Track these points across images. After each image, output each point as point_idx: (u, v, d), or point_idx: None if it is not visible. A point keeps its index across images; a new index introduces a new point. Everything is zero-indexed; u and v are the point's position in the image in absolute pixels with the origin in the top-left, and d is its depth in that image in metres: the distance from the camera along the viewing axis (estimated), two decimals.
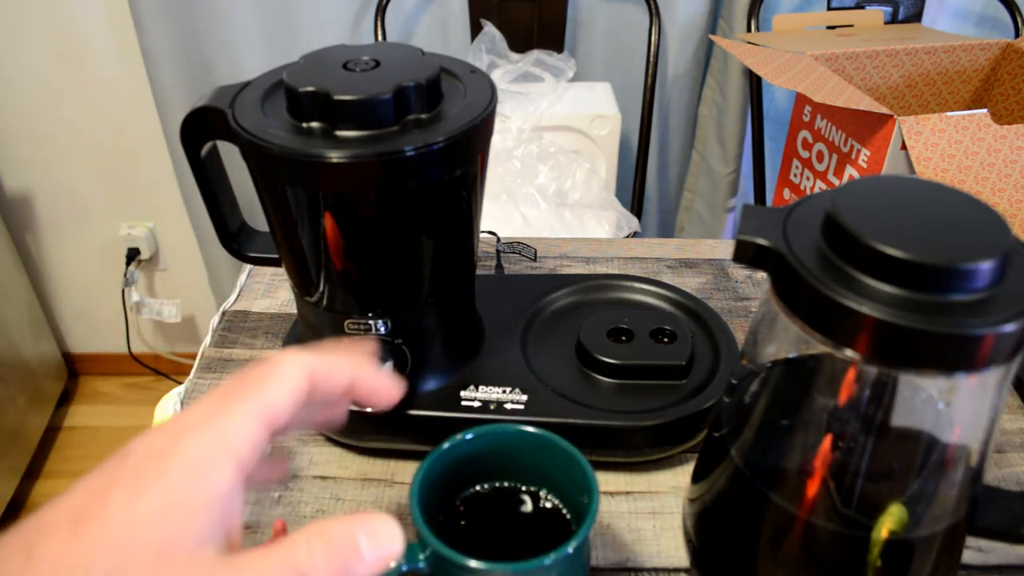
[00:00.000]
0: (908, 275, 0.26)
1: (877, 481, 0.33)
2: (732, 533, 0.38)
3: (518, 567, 0.32)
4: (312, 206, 0.41)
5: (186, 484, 0.25)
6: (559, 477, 0.38)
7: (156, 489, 0.24)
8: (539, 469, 0.39)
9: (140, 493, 0.24)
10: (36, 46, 1.36)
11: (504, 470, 0.40)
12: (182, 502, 0.25)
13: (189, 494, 0.25)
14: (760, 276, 0.66)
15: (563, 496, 0.39)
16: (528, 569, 0.32)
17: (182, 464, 0.25)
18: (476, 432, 0.38)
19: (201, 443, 0.26)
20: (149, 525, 0.24)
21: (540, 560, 0.32)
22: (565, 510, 0.39)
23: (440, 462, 0.37)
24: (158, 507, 0.24)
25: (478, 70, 0.45)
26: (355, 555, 0.26)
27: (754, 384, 0.36)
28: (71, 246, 1.60)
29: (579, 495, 0.37)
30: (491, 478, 0.40)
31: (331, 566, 0.25)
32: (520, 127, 1.12)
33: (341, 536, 0.26)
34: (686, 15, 1.27)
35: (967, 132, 0.78)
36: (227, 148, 0.45)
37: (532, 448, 0.38)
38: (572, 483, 0.37)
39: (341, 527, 0.26)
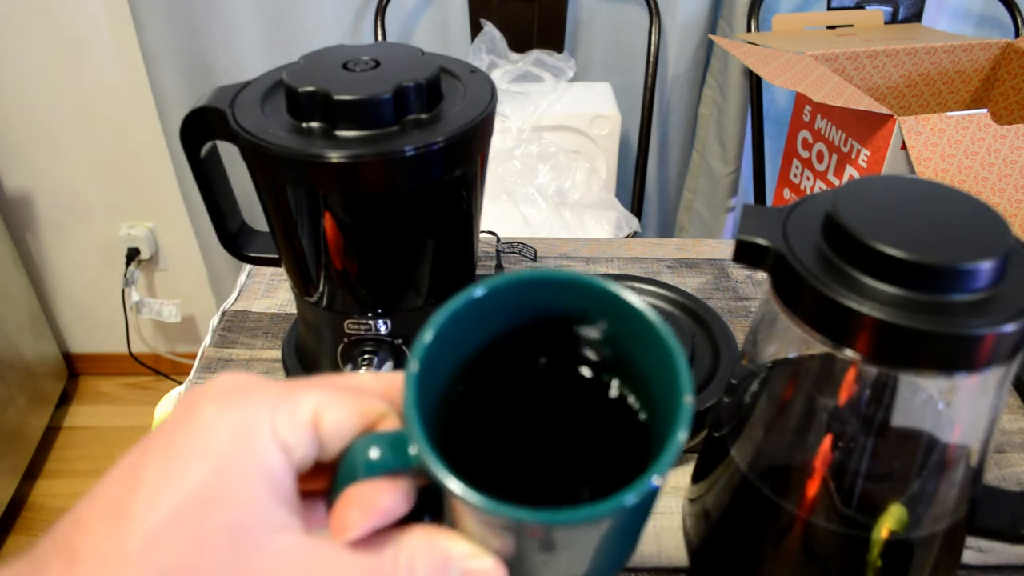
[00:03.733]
0: (908, 275, 0.26)
1: (877, 481, 0.33)
2: (732, 533, 0.37)
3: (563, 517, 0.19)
4: (312, 206, 0.41)
5: (230, 453, 0.21)
6: (629, 359, 0.26)
7: (195, 463, 0.21)
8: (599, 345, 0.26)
9: (179, 474, 0.21)
10: (36, 46, 1.35)
11: (549, 342, 0.27)
12: (229, 475, 0.21)
13: (237, 465, 0.21)
14: (760, 276, 0.66)
15: (635, 386, 0.26)
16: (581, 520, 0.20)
17: (223, 432, 0.22)
18: (514, 279, 0.24)
19: (243, 412, 0.22)
20: (202, 509, 0.21)
21: (610, 504, 0.20)
22: (639, 407, 0.26)
23: (461, 321, 0.24)
24: (203, 484, 0.21)
25: (478, 70, 0.45)
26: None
27: (754, 384, 0.36)
28: (71, 246, 1.60)
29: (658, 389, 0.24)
30: (531, 351, 0.27)
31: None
32: (520, 127, 1.12)
33: (433, 563, 0.23)
34: (686, 15, 1.27)
35: (967, 132, 0.77)
36: (227, 148, 0.45)
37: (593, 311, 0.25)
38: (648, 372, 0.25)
39: (436, 552, 0.23)
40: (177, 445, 0.22)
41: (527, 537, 0.22)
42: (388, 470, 0.23)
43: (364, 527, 0.22)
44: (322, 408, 0.23)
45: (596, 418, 0.27)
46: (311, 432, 0.23)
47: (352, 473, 0.23)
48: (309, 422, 0.23)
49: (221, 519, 0.20)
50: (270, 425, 0.22)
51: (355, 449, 0.23)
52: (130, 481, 0.21)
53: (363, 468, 0.23)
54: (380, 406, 0.24)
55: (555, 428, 0.28)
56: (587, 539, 0.22)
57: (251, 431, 0.22)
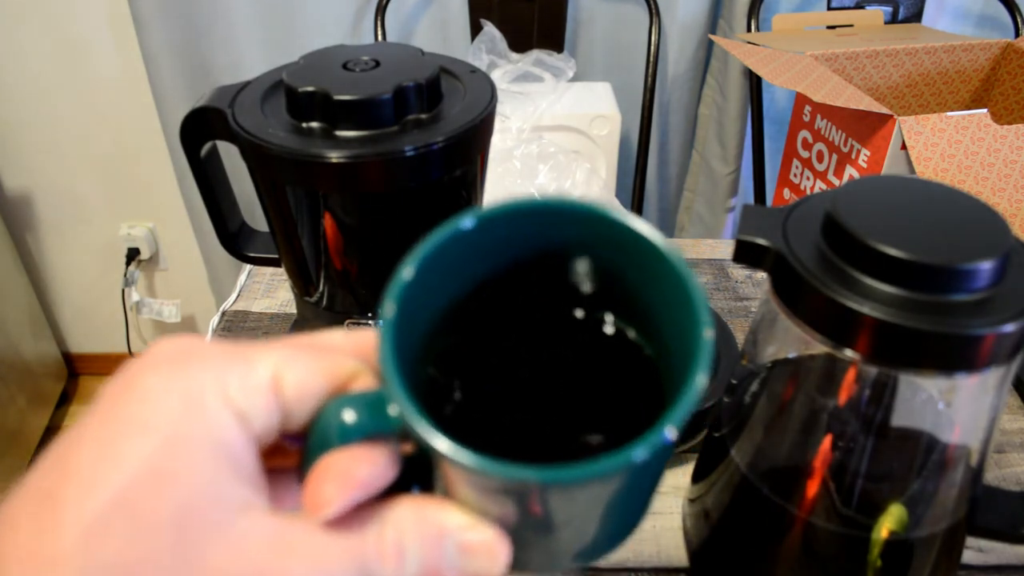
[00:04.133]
0: (908, 275, 0.26)
1: (877, 481, 0.33)
2: (732, 533, 0.37)
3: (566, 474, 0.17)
4: (312, 206, 0.41)
5: (176, 426, 0.18)
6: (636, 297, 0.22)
7: (135, 439, 0.18)
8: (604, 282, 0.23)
9: (118, 452, 0.18)
10: (36, 46, 1.35)
11: (544, 282, 0.23)
12: (176, 451, 0.18)
13: (185, 438, 0.18)
14: (760, 276, 0.66)
15: (647, 331, 0.23)
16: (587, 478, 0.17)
17: (167, 403, 0.19)
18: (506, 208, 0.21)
19: (190, 379, 0.19)
20: (146, 491, 0.17)
21: (619, 459, 0.17)
22: (650, 351, 0.23)
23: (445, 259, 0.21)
24: (147, 463, 0.18)
25: (478, 70, 0.45)
26: (436, 567, 0.20)
27: (754, 384, 0.36)
28: (71, 246, 1.60)
29: (672, 330, 0.21)
30: (524, 292, 0.23)
31: (403, 574, 0.20)
32: (520, 127, 1.12)
33: (425, 539, 0.20)
34: (686, 15, 1.27)
35: (967, 132, 0.77)
36: (227, 148, 0.45)
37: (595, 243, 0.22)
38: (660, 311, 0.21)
39: (428, 526, 0.20)
40: (114, 422, 0.19)
41: (528, 500, 0.19)
42: (366, 435, 0.20)
43: (342, 502, 0.19)
44: (282, 369, 0.20)
45: (601, 365, 0.24)
46: (270, 397, 0.20)
47: (325, 441, 0.20)
48: (267, 386, 0.20)
49: (169, 503, 0.17)
50: (221, 391, 0.19)
51: (327, 413, 0.20)
52: (61, 469, 0.18)
53: (337, 434, 0.20)
54: (351, 364, 0.21)
55: (554, 378, 0.24)
56: (595, 499, 0.19)
57: (199, 400, 0.19)
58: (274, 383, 0.20)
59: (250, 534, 0.19)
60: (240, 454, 0.19)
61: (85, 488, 0.17)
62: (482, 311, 0.23)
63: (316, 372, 0.21)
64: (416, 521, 0.20)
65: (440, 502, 0.20)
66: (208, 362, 0.20)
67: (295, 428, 0.21)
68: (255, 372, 0.20)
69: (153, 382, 0.19)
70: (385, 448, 0.20)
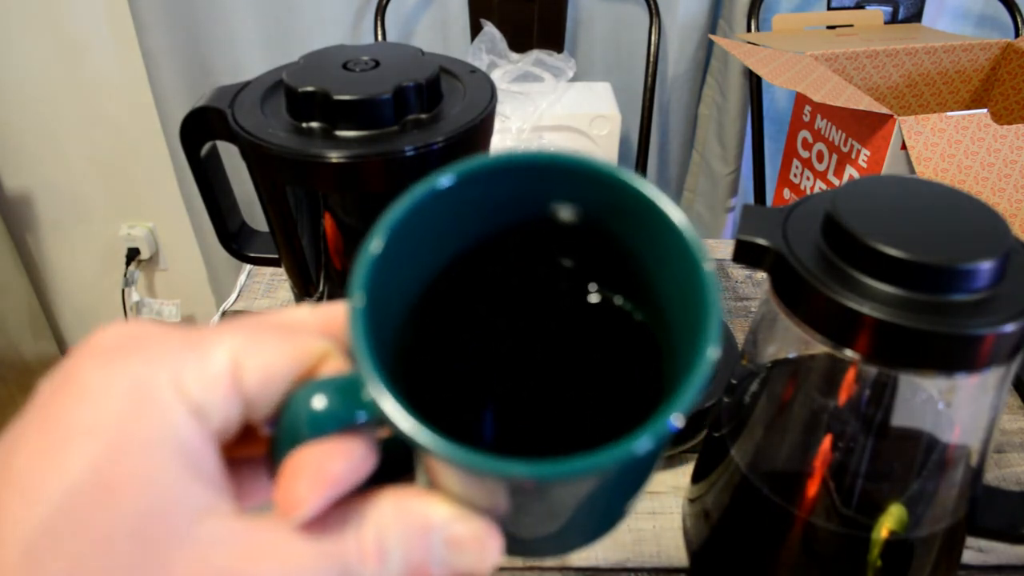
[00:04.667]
0: (908, 275, 0.26)
1: (877, 481, 0.33)
2: (732, 533, 0.37)
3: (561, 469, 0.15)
4: (312, 206, 0.41)
5: (124, 425, 0.16)
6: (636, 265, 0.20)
7: (78, 443, 0.16)
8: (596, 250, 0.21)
9: (60, 459, 0.16)
10: (36, 46, 1.35)
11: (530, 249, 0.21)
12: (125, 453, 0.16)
13: (135, 438, 0.16)
14: (760, 276, 0.66)
15: (642, 299, 0.21)
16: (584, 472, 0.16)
17: (111, 399, 0.17)
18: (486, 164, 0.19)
19: (137, 371, 0.17)
20: (95, 500, 0.16)
21: (619, 451, 0.16)
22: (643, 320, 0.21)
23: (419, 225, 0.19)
24: (94, 469, 0.16)
25: (478, 70, 0.45)
26: (422, 565, 0.19)
27: (754, 384, 0.36)
28: (71, 246, 1.60)
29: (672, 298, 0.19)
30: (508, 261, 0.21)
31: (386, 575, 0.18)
32: (520, 127, 1.12)
33: (409, 536, 0.18)
34: (686, 15, 1.27)
35: (967, 132, 0.77)
36: (227, 148, 0.45)
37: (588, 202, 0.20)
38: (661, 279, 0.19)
39: (411, 521, 0.18)
40: (55, 424, 0.17)
41: (519, 493, 0.18)
42: (340, 424, 0.18)
43: (316, 502, 0.17)
44: (242, 354, 0.18)
45: (596, 340, 0.22)
46: (229, 386, 0.18)
47: (295, 433, 0.18)
48: (226, 373, 0.18)
49: (122, 512, 0.16)
50: (173, 383, 0.17)
51: (295, 402, 0.19)
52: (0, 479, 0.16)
53: (307, 424, 0.18)
54: (319, 344, 0.19)
55: (544, 355, 0.22)
56: (591, 489, 0.18)
57: (150, 394, 0.17)
58: (233, 371, 0.18)
59: (216, 540, 0.17)
60: (198, 453, 0.17)
61: (25, 501, 0.16)
62: (463, 284, 0.21)
63: (280, 356, 0.19)
64: (398, 516, 0.18)
65: (423, 494, 0.19)
66: (157, 351, 0.18)
67: (260, 418, 0.19)
68: (211, 360, 0.18)
69: (95, 377, 0.17)
70: (361, 438, 0.18)
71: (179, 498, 0.17)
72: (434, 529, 0.18)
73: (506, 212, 0.20)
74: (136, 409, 0.17)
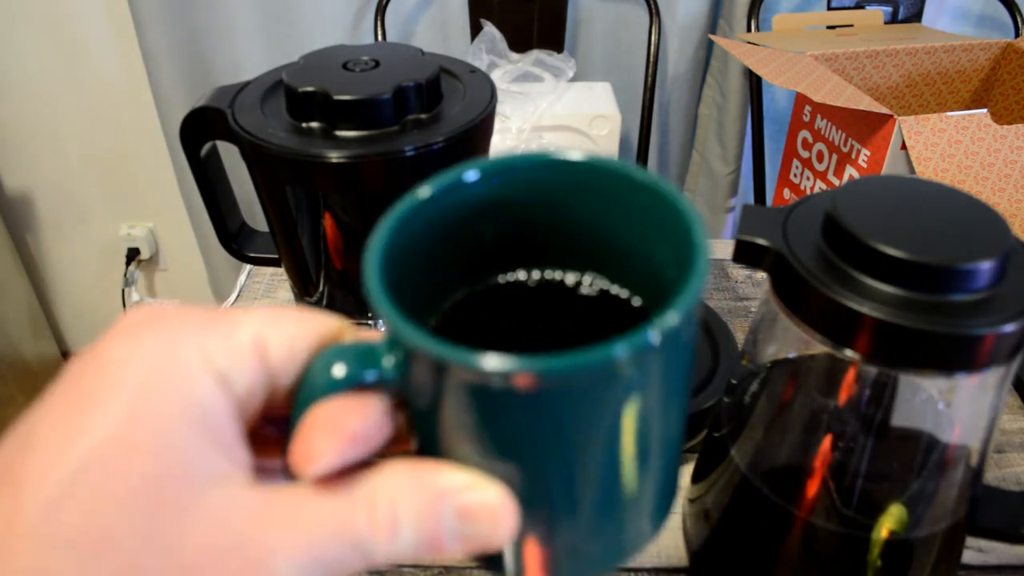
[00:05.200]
0: (908, 275, 0.26)
1: (877, 481, 0.33)
2: (732, 533, 0.37)
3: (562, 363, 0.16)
4: (312, 206, 0.41)
5: (147, 392, 0.17)
6: (624, 241, 0.22)
7: (101, 408, 0.17)
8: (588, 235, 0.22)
9: (85, 421, 0.17)
10: (36, 46, 1.35)
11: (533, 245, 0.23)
12: (146, 418, 0.17)
13: (156, 404, 0.17)
14: (760, 276, 0.66)
15: (635, 279, 0.23)
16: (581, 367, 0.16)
17: (137, 368, 0.17)
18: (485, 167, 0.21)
19: (162, 342, 0.18)
20: (114, 461, 0.16)
21: (601, 351, 0.16)
22: (637, 300, 0.22)
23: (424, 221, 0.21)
24: (115, 431, 0.16)
25: (478, 70, 0.45)
26: (434, 537, 0.18)
27: (754, 384, 0.36)
28: (71, 246, 1.60)
29: (662, 268, 0.21)
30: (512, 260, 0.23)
31: (400, 551, 0.18)
32: (520, 127, 1.12)
33: (421, 505, 0.18)
34: (686, 15, 1.27)
35: (967, 132, 0.77)
36: (227, 148, 0.45)
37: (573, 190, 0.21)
38: (650, 248, 0.21)
39: (424, 489, 0.18)
40: (80, 393, 0.17)
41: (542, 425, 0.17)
42: (355, 382, 0.19)
43: (332, 456, 0.17)
44: (265, 328, 0.19)
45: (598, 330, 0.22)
46: (254, 357, 0.18)
47: (312, 393, 0.19)
48: (250, 345, 0.18)
49: (138, 473, 0.16)
50: (199, 351, 0.18)
51: (315, 367, 0.19)
52: (23, 442, 0.17)
53: (325, 383, 0.19)
54: (335, 321, 0.20)
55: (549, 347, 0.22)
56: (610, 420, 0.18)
57: (174, 361, 0.17)
58: (257, 343, 0.19)
59: (229, 506, 0.17)
60: (219, 420, 0.18)
61: (47, 460, 0.16)
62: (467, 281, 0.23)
63: (301, 329, 0.19)
64: (411, 485, 0.18)
65: (436, 463, 0.19)
66: (183, 323, 0.18)
67: (283, 389, 0.19)
68: (237, 332, 0.18)
69: (122, 347, 0.18)
70: (377, 402, 0.19)
71: (197, 463, 0.17)
72: (446, 496, 0.18)
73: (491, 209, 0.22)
74: (160, 375, 0.17)
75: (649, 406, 0.18)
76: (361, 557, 0.18)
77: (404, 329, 0.17)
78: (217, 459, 0.17)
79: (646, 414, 0.18)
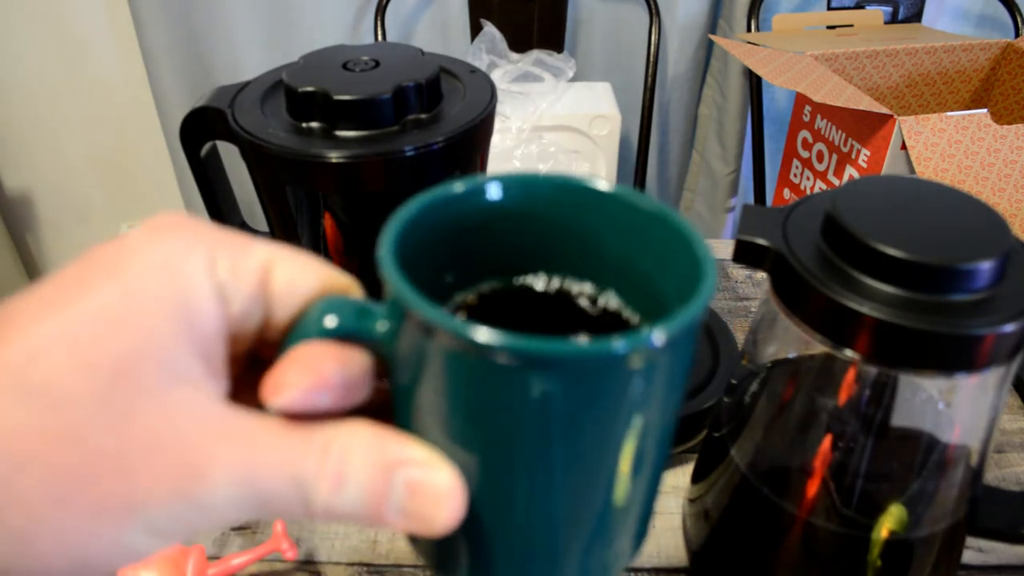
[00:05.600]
0: (908, 275, 0.26)
1: (877, 481, 0.33)
2: (732, 533, 0.37)
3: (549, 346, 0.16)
4: (312, 206, 0.41)
5: (147, 279, 0.18)
6: (637, 269, 0.22)
7: (98, 284, 0.17)
8: (598, 254, 0.22)
9: (81, 292, 0.17)
10: (36, 46, 1.35)
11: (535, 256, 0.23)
12: (136, 303, 0.17)
13: (151, 292, 0.17)
14: (760, 276, 0.66)
15: (646, 304, 0.22)
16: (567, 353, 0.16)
17: (144, 259, 0.18)
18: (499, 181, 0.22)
19: (177, 244, 0.18)
20: (95, 331, 0.17)
21: (603, 345, 0.16)
22: (638, 317, 0.22)
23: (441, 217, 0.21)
24: (104, 306, 0.17)
25: (478, 70, 0.45)
26: (378, 503, 0.18)
27: (754, 384, 0.36)
28: (71, 246, 1.60)
29: (670, 295, 0.21)
30: (512, 268, 0.23)
31: (340, 507, 0.18)
32: (520, 127, 1.12)
33: (373, 469, 0.18)
34: (686, 15, 1.27)
35: (967, 132, 0.77)
36: (227, 148, 0.45)
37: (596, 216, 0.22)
38: (660, 279, 0.21)
39: (380, 455, 0.18)
40: (87, 267, 0.18)
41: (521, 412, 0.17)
42: (346, 332, 0.19)
43: (299, 392, 0.18)
44: (275, 261, 0.19)
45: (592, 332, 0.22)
46: (257, 282, 0.19)
47: (301, 333, 0.19)
48: (256, 270, 0.19)
49: (114, 348, 0.17)
50: (206, 260, 0.18)
51: (311, 310, 0.19)
52: (27, 298, 0.18)
53: (315, 333, 0.19)
54: (346, 278, 0.21)
55: None
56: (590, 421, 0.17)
57: (181, 262, 0.18)
58: (263, 270, 0.19)
59: (186, 408, 0.17)
60: (207, 329, 0.18)
61: (41, 317, 0.17)
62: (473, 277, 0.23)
63: (309, 271, 0.20)
64: (369, 445, 0.18)
65: (404, 435, 0.19)
66: (203, 234, 0.19)
67: (278, 328, 0.20)
68: (247, 254, 0.19)
69: (139, 240, 0.19)
70: (361, 357, 0.19)
71: (171, 358, 0.17)
72: (399, 466, 0.18)
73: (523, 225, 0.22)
74: (161, 269, 0.18)
75: (632, 415, 0.18)
76: (299, 500, 0.18)
77: (402, 289, 0.17)
78: (191, 362, 0.18)
79: (629, 423, 0.18)
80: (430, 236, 0.20)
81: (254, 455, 0.17)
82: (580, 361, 0.16)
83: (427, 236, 0.20)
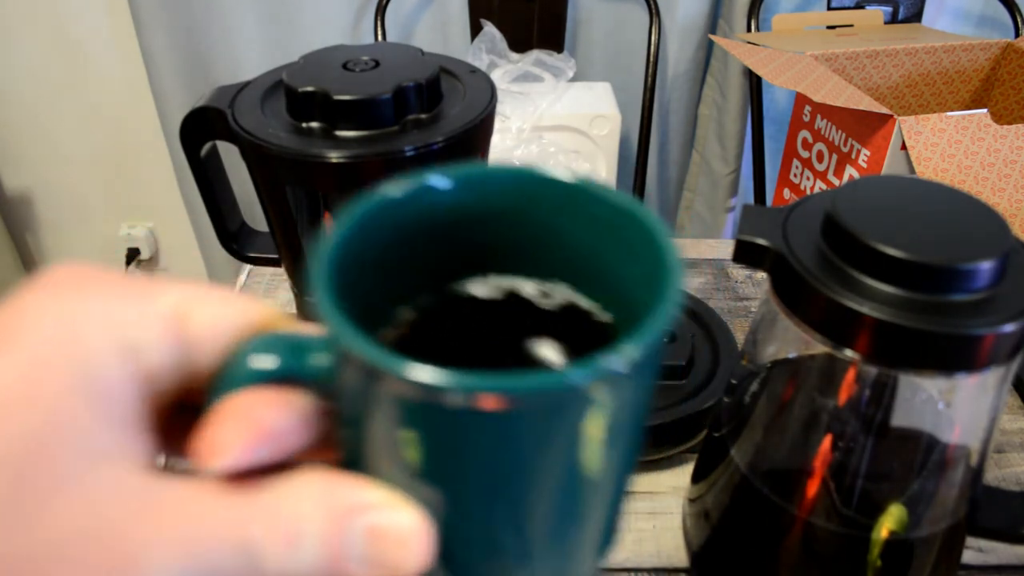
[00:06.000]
0: (908, 275, 0.26)
1: (877, 481, 0.33)
2: (732, 533, 0.37)
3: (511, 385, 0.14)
4: (312, 206, 0.41)
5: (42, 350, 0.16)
6: (598, 260, 0.20)
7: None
8: (560, 249, 0.21)
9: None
10: (36, 46, 1.35)
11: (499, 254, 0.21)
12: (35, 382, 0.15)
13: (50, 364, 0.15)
14: (760, 276, 0.66)
15: (606, 294, 0.21)
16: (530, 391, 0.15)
17: (38, 329, 0.16)
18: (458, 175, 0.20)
19: (70, 306, 0.16)
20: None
21: (557, 377, 0.15)
22: (609, 316, 0.21)
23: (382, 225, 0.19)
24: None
25: (478, 70, 0.45)
26: (339, 556, 0.16)
27: (754, 384, 0.36)
28: (71, 246, 1.60)
29: (634, 286, 0.19)
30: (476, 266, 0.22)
31: (296, 567, 0.16)
32: (520, 127, 1.12)
33: (329, 520, 0.16)
34: (686, 15, 1.27)
35: (967, 132, 0.77)
36: (227, 148, 0.45)
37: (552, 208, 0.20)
38: (623, 269, 0.20)
39: (335, 503, 0.16)
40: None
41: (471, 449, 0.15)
42: (281, 374, 0.17)
43: (241, 452, 0.16)
44: (190, 303, 0.17)
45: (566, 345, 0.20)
46: (168, 327, 0.17)
47: (231, 380, 0.17)
48: (166, 315, 0.17)
49: (12, 435, 0.15)
50: (105, 317, 0.16)
51: (238, 353, 0.17)
52: None
53: (247, 378, 0.17)
54: (268, 308, 0.18)
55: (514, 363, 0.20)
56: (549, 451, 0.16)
57: (79, 322, 0.16)
58: (176, 315, 0.17)
59: (107, 489, 0.15)
60: (117, 392, 0.16)
61: None
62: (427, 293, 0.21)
63: (228, 308, 0.18)
64: (321, 496, 0.16)
65: (357, 477, 0.17)
66: (99, 288, 0.17)
67: (203, 375, 0.17)
68: (155, 301, 0.17)
69: (30, 303, 0.16)
70: (302, 400, 0.17)
71: (79, 436, 0.15)
72: (357, 512, 0.16)
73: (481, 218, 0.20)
74: (60, 334, 0.16)
75: (597, 437, 0.16)
76: (250, 568, 0.16)
77: (337, 326, 0.15)
78: (105, 434, 0.16)
79: (588, 450, 0.17)
80: (371, 249, 0.19)
81: (192, 528, 0.15)
82: (536, 396, 0.15)
83: (368, 249, 0.18)
